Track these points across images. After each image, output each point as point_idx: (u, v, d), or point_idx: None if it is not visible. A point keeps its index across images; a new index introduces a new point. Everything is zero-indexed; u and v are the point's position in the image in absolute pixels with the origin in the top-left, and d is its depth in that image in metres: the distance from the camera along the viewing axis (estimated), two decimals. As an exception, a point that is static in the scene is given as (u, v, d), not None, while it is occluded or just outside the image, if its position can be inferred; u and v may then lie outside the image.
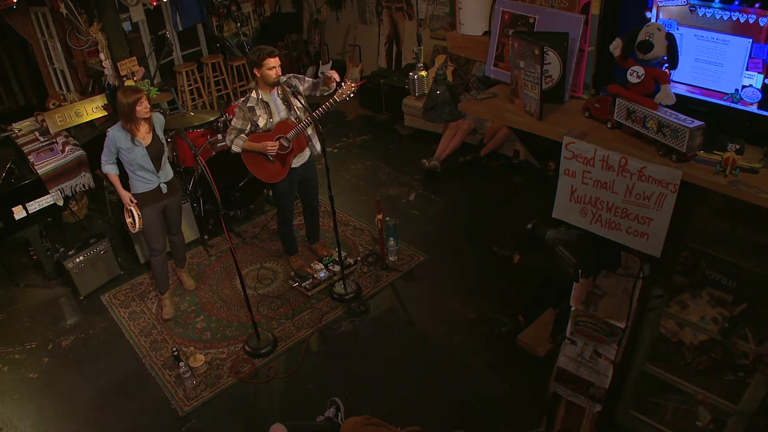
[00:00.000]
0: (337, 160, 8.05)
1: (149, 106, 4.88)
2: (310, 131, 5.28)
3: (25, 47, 8.92)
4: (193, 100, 9.70)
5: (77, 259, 5.88)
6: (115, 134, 4.89)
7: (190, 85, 9.55)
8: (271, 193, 6.90)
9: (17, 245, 6.41)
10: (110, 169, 5.02)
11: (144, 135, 4.96)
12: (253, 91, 5.09)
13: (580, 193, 2.63)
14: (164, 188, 5.17)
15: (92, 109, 6.64)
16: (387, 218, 5.89)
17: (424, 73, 3.73)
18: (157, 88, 6.89)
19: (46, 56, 8.46)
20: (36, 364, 5.31)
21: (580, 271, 2.82)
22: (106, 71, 6.85)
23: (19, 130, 6.70)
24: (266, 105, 5.10)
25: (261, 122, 5.14)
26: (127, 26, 8.72)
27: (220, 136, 6.56)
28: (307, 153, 5.37)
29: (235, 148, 5.20)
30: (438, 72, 3.30)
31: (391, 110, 9.09)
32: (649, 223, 2.47)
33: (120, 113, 4.84)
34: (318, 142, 5.38)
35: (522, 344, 4.90)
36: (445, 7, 8.41)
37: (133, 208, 5.08)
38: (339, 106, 9.26)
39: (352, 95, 5.03)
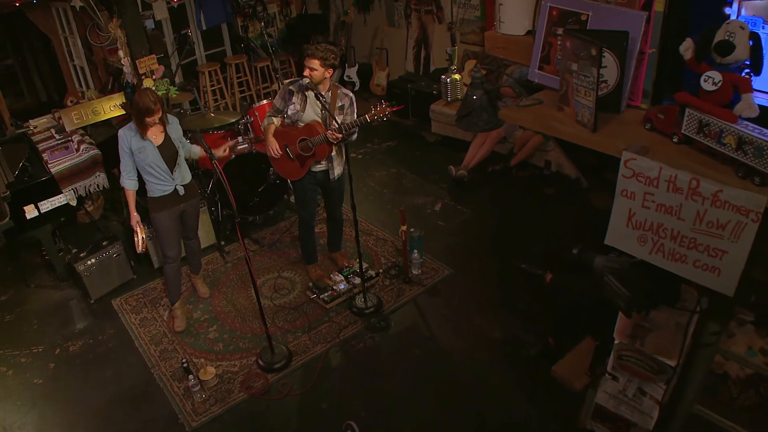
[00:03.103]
0: (361, 167, 7.83)
1: (157, 122, 4.69)
2: (334, 152, 5.11)
3: (48, 43, 8.77)
4: (216, 101, 9.51)
5: (88, 262, 5.70)
6: (126, 133, 4.70)
7: (212, 86, 9.38)
8: (292, 198, 6.73)
9: (31, 244, 6.25)
10: (129, 185, 4.83)
11: (156, 133, 4.78)
12: (304, 78, 4.86)
13: (639, 218, 2.26)
14: (181, 191, 4.97)
15: (110, 108, 6.43)
16: (411, 229, 5.66)
17: (457, 76, 3.41)
18: (176, 88, 6.69)
19: (66, 52, 8.29)
20: (42, 369, 5.12)
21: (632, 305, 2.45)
22: (125, 69, 6.64)
23: (35, 127, 6.52)
24: (305, 98, 4.94)
25: (291, 110, 4.98)
26: (150, 24, 8.61)
27: (240, 139, 6.37)
28: (327, 163, 5.19)
29: (263, 124, 5.13)
30: (475, 75, 2.96)
31: (418, 116, 8.80)
32: (722, 256, 2.10)
33: (133, 111, 4.68)
34: (338, 166, 5.20)
35: (557, 376, 4.52)
36: (476, 11, 8.16)
37: (139, 230, 4.91)
38: (365, 111, 9.09)
39: (385, 119, 4.83)
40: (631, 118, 2.46)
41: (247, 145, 6.31)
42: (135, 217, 4.90)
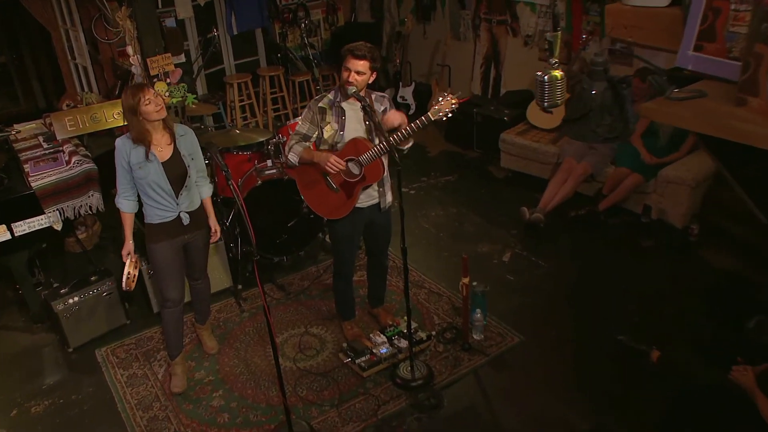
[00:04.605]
0: (414, 204, 7.54)
1: (162, 106, 4.43)
2: (386, 173, 4.82)
3: (50, 38, 8.65)
4: (245, 119, 9.39)
5: (70, 300, 5.36)
6: (125, 143, 4.48)
7: (241, 101, 9.28)
8: (327, 238, 6.53)
9: (3, 274, 6.00)
10: (124, 205, 4.61)
11: (162, 146, 4.53)
12: (332, 91, 4.71)
13: None
14: (185, 219, 4.67)
15: (113, 115, 6.05)
16: (474, 283, 5.33)
17: (559, 73, 2.81)
18: (194, 96, 6.33)
19: (66, 48, 8.15)
20: (-12, 438, 4.84)
21: None
22: (133, 69, 6.33)
23: (17, 132, 6.27)
24: (342, 112, 4.65)
25: (328, 132, 4.69)
26: (171, 23, 8.56)
27: (269, 162, 6.19)
28: (375, 194, 4.90)
29: (292, 158, 4.74)
30: (596, 60, 2.35)
31: (485, 147, 8.58)
32: None
33: (126, 120, 4.49)
34: (389, 192, 4.95)
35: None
36: (560, 22, 7.90)
37: (127, 264, 4.70)
38: (420, 137, 8.88)
39: (450, 114, 4.52)
40: None
41: (276, 171, 6.09)
42: (128, 245, 4.67)
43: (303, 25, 9.41)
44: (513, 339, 5.39)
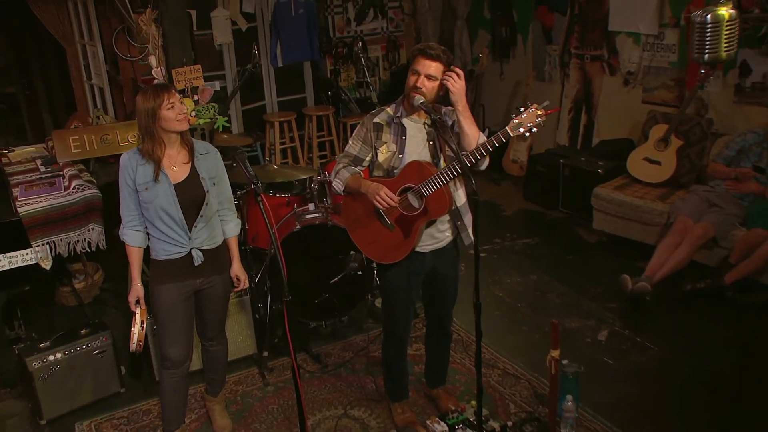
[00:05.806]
0: (486, 269, 7.13)
1: (185, 115, 4.18)
2: (461, 202, 4.44)
3: (63, 58, 8.66)
4: (285, 164, 9.25)
5: (51, 357, 4.91)
6: (131, 158, 4.22)
7: (283, 143, 9.19)
8: (377, 302, 6.22)
9: None
10: (130, 238, 4.31)
11: (177, 165, 4.25)
12: (393, 105, 4.40)
13: None
14: (197, 258, 4.29)
15: (128, 138, 5.84)
16: (564, 361, 4.87)
17: (728, 12, 2.40)
18: (225, 118, 6.11)
19: (83, 67, 8.03)
20: None
21: None
22: (156, 83, 6.00)
23: (9, 150, 6.14)
24: (402, 131, 4.30)
25: (383, 154, 4.35)
26: None
27: (311, 206, 5.90)
28: (446, 234, 4.48)
29: (337, 185, 4.44)
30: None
31: (573, 206, 8.29)
32: None
33: (139, 127, 4.19)
34: (470, 225, 4.50)
35: None
36: (671, 55, 7.58)
37: (138, 315, 4.37)
38: (494, 195, 8.92)
39: (535, 129, 4.08)
40: None
41: (319, 215, 5.77)
42: (136, 289, 4.33)
43: (363, 59, 9.29)
44: (613, 437, 4.95)
